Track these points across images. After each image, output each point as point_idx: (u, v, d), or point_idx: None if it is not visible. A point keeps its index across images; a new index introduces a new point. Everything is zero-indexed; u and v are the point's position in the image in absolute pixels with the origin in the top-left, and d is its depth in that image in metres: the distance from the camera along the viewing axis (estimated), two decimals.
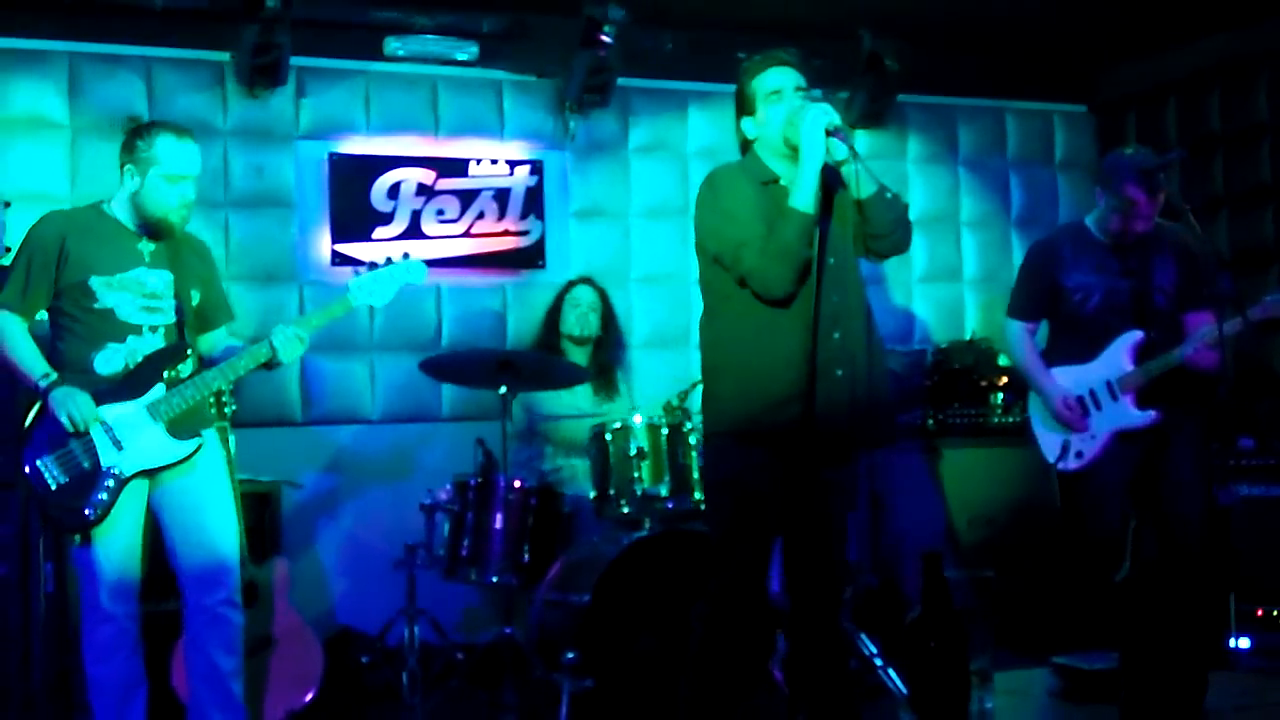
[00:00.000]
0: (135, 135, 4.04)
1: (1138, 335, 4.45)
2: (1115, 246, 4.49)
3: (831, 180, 3.69)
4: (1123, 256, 4.48)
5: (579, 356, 5.82)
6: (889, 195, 3.70)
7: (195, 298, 4.12)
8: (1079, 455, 4.55)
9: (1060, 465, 4.61)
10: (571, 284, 5.99)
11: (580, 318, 5.84)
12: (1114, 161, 4.51)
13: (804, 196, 3.57)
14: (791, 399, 3.56)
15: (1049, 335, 4.72)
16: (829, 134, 3.56)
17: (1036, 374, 4.63)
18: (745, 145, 3.84)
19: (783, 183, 3.69)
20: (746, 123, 3.81)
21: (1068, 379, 4.55)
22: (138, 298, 4.00)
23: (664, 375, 6.25)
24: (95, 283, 3.96)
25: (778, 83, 3.75)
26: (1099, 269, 4.49)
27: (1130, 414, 4.45)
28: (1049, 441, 4.62)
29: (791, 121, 3.65)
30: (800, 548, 3.76)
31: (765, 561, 3.74)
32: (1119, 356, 4.47)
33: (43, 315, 4.06)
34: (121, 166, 4.04)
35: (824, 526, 3.73)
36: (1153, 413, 4.41)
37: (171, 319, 4.05)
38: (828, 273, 3.64)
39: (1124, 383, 4.45)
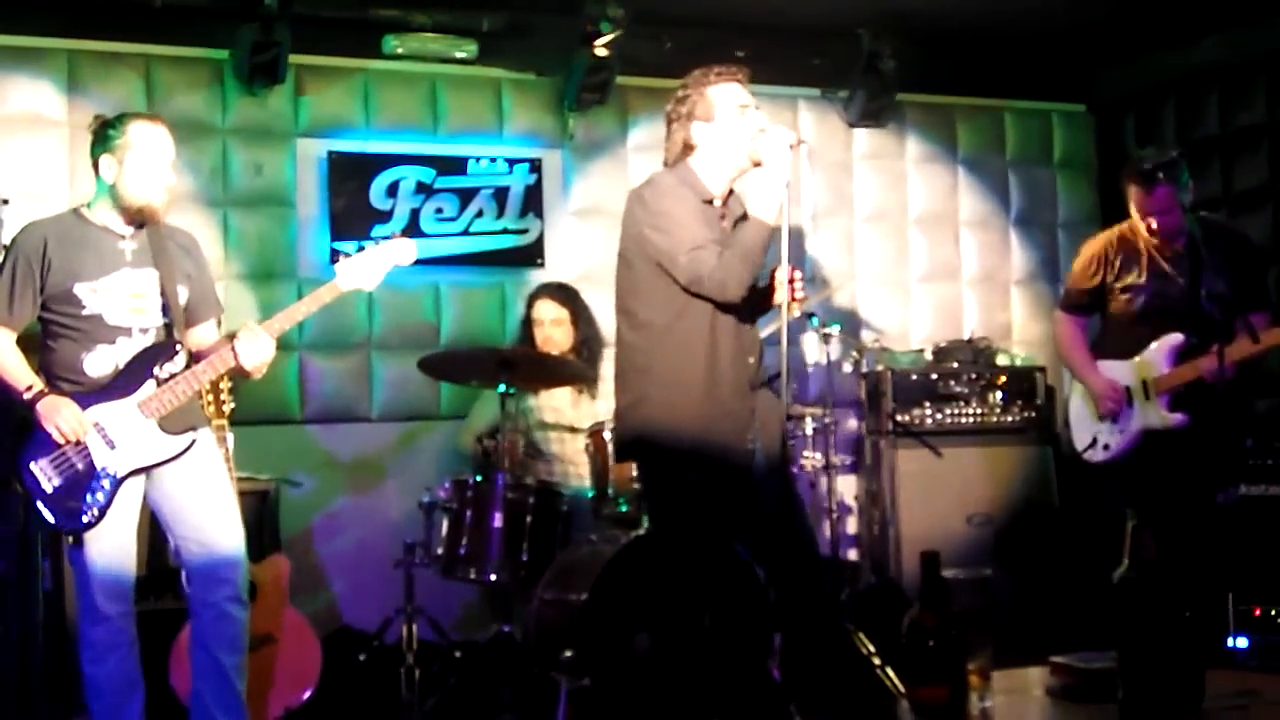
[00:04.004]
0: (106, 127, 4.02)
1: (1178, 338, 4.48)
2: (1166, 249, 4.51)
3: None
4: (1173, 259, 4.50)
5: None
6: None
7: (182, 294, 4.09)
8: (1106, 448, 4.61)
9: (1088, 455, 4.68)
10: (536, 295, 5.77)
11: (544, 341, 5.64)
12: (1124, 165, 4.59)
13: (770, 209, 3.73)
14: (725, 413, 3.78)
15: (1099, 330, 4.77)
16: (793, 148, 3.77)
17: (1080, 364, 4.71)
18: (686, 150, 3.93)
19: (716, 204, 3.88)
20: (699, 128, 3.88)
21: (1107, 374, 4.60)
22: (124, 299, 3.98)
23: None
24: (80, 289, 3.94)
25: (745, 98, 3.93)
26: (1149, 270, 4.53)
27: (1161, 415, 4.48)
28: (1081, 431, 4.70)
29: (755, 137, 3.83)
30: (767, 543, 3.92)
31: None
32: (1158, 357, 4.51)
33: (34, 327, 4.04)
34: (97, 162, 4.02)
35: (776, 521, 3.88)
36: (1181, 416, 4.44)
37: (160, 320, 4.03)
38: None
39: (1159, 384, 4.48)
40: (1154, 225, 4.47)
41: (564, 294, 5.77)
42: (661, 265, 3.81)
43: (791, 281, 3.81)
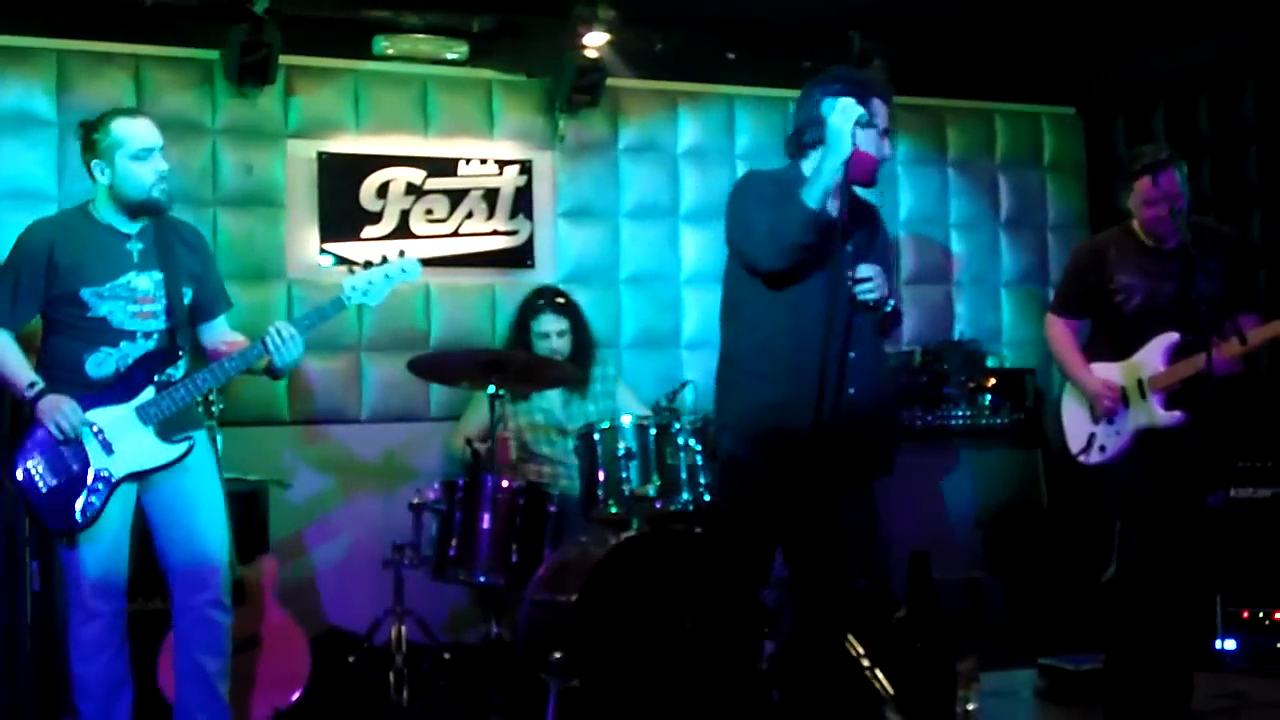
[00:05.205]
0: (90, 131, 4.01)
1: (1174, 337, 4.48)
2: (1159, 249, 4.52)
3: (860, 212, 3.80)
4: (1166, 259, 4.51)
5: None
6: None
7: (187, 295, 4.09)
8: (1102, 449, 4.60)
9: (1083, 458, 4.67)
10: (536, 308, 5.76)
11: (551, 352, 5.62)
12: (1125, 164, 4.61)
13: (814, 192, 3.59)
14: (802, 405, 3.59)
15: (1090, 332, 4.78)
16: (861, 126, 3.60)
17: (1074, 366, 4.69)
18: (814, 143, 3.78)
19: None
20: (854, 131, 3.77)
21: (1101, 375, 4.61)
22: (129, 304, 3.98)
23: (652, 376, 6.26)
24: (86, 294, 3.93)
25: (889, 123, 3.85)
26: (1143, 270, 4.54)
27: (1157, 414, 4.48)
28: (1076, 433, 4.68)
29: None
30: (802, 558, 3.82)
31: (762, 559, 3.85)
32: (1153, 357, 4.51)
33: (36, 321, 4.04)
34: (89, 167, 4.02)
35: (827, 541, 3.80)
36: (1178, 414, 4.45)
37: (164, 324, 4.03)
38: (847, 296, 3.69)
39: (1155, 382, 4.49)
40: (1163, 213, 4.45)
41: (564, 305, 5.80)
42: (732, 243, 3.83)
43: (862, 281, 3.67)
